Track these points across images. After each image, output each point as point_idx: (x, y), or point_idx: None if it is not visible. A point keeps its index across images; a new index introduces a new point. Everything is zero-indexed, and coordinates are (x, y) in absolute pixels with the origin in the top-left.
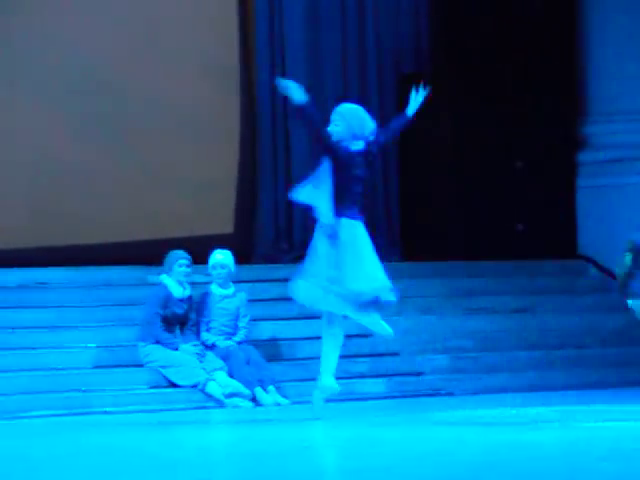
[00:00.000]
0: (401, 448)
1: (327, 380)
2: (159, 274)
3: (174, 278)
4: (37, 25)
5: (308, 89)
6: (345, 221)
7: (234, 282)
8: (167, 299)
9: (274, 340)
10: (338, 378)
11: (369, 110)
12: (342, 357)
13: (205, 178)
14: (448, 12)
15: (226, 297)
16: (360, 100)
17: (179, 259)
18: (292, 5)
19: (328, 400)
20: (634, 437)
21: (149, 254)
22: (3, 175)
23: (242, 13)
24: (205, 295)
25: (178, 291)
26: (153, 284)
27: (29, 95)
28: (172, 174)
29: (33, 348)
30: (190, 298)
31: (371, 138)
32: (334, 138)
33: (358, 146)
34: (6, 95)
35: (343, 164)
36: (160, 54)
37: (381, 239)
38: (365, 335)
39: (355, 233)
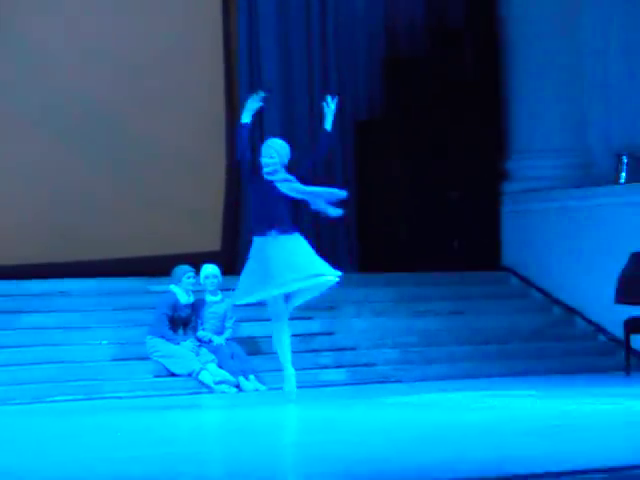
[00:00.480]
0: (356, 425)
1: (290, 369)
2: (168, 284)
3: (182, 287)
4: (43, 66)
5: (283, 130)
6: (271, 238)
7: (221, 290)
8: (175, 304)
9: (253, 337)
10: (306, 369)
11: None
12: (309, 351)
13: (196, 203)
14: (397, 72)
15: (215, 303)
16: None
17: (187, 272)
18: (270, 57)
19: (298, 387)
20: (550, 415)
21: (149, 268)
22: (27, 200)
23: (227, 61)
24: (200, 301)
25: (184, 298)
26: (161, 292)
27: (42, 128)
28: (168, 200)
29: (56, 345)
30: (193, 304)
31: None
32: (269, 169)
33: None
34: (15, 128)
35: (261, 188)
36: (154, 97)
37: (342, 254)
38: (329, 333)
39: (284, 244)
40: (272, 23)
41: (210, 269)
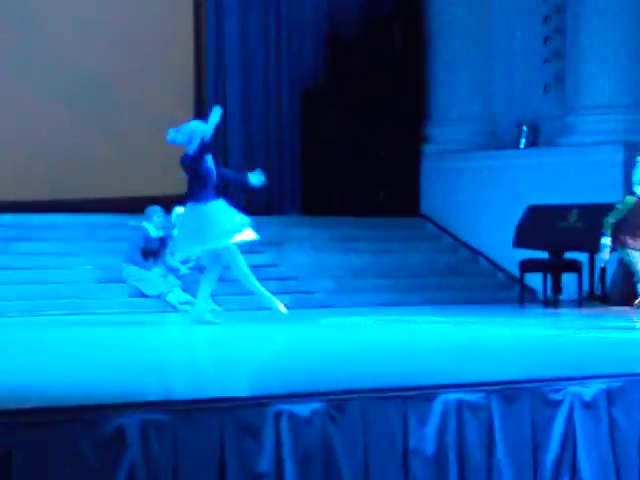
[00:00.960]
0: (295, 341)
1: (200, 304)
2: (141, 221)
3: (152, 224)
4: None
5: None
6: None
7: None
8: (147, 237)
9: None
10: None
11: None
12: (260, 279)
13: (167, 155)
14: (338, 49)
15: None
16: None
17: (157, 212)
18: (233, 36)
19: (258, 308)
20: (456, 337)
21: (127, 206)
22: (25, 145)
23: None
24: (169, 236)
25: (154, 233)
26: (136, 227)
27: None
28: (144, 151)
29: (47, 268)
30: (162, 238)
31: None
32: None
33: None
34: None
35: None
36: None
37: (289, 201)
38: (275, 265)
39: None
40: (236, 8)
41: (179, 211)
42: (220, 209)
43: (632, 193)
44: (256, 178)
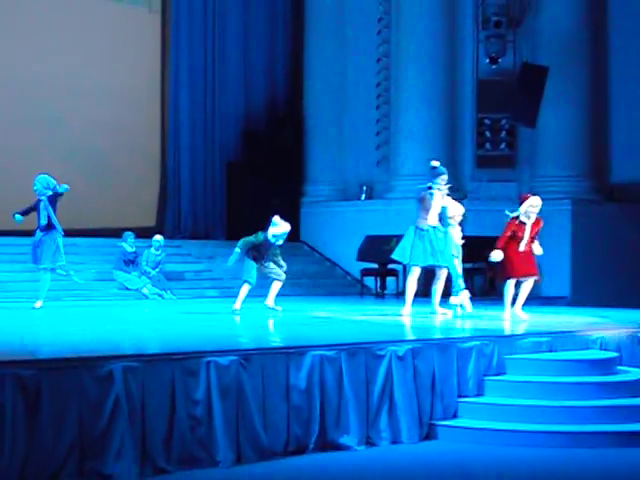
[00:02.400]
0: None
1: None
2: (124, 242)
3: (127, 244)
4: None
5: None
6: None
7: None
8: (125, 252)
9: (172, 271)
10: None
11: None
12: (200, 280)
13: (141, 198)
14: (251, 136)
15: (156, 254)
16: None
17: (130, 236)
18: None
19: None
20: (317, 316)
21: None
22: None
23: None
24: (140, 250)
25: (129, 249)
26: (120, 245)
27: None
28: (124, 195)
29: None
30: (135, 252)
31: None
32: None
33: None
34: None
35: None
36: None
37: (218, 230)
38: (209, 270)
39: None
40: (185, 88)
41: (158, 237)
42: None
43: None
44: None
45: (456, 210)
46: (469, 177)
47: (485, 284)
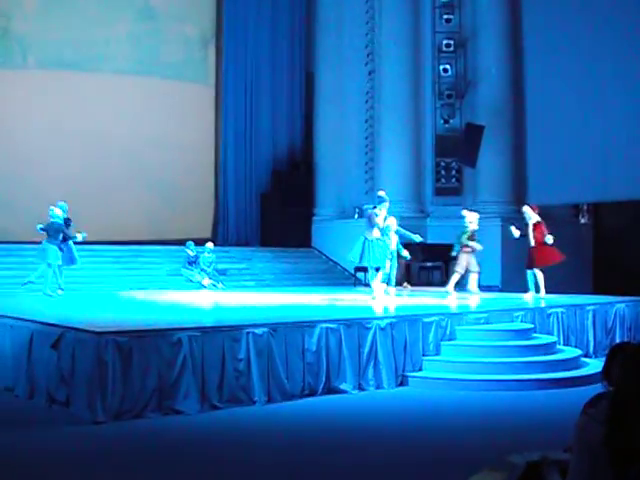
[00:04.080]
0: (261, 304)
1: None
2: (187, 248)
3: (190, 249)
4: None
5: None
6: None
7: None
8: (188, 256)
9: (221, 269)
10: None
11: (250, 205)
12: (241, 276)
13: (199, 211)
14: (277, 174)
15: (209, 257)
16: (248, 201)
17: (191, 244)
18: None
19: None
20: (326, 305)
21: (181, 242)
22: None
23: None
24: (200, 253)
25: (191, 254)
26: (186, 250)
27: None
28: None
29: (149, 268)
30: (196, 255)
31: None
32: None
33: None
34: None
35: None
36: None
37: (254, 239)
38: (248, 268)
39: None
40: (231, 140)
41: (209, 245)
42: None
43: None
44: None
45: (392, 224)
46: (430, 202)
47: (441, 277)
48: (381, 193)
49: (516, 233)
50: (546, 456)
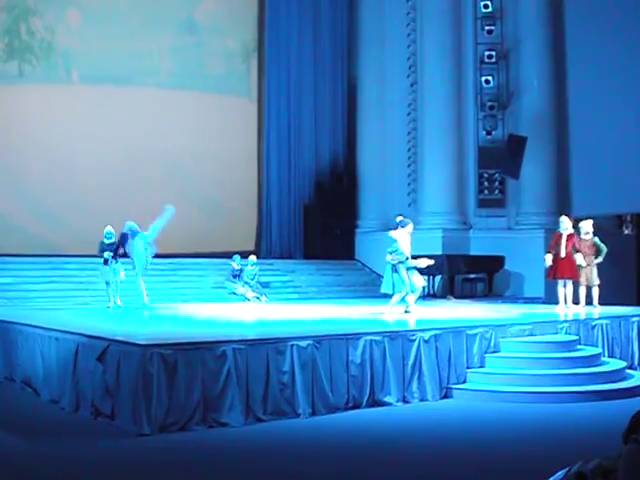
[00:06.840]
0: (301, 315)
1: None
2: (233, 261)
3: (236, 263)
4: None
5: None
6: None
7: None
8: (233, 269)
9: (263, 282)
10: (279, 295)
11: (294, 215)
12: (284, 288)
13: (243, 224)
14: (319, 184)
15: (252, 270)
16: (291, 212)
17: (237, 257)
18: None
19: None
20: (367, 318)
21: (227, 254)
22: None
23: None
24: (244, 266)
25: (236, 267)
26: (230, 264)
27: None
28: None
29: (193, 281)
30: (240, 269)
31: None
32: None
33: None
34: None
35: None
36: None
37: (298, 252)
38: (291, 281)
39: None
40: (275, 152)
41: (252, 258)
42: None
43: None
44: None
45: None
46: (473, 214)
47: (486, 288)
48: (399, 218)
49: (548, 261)
50: (601, 463)
